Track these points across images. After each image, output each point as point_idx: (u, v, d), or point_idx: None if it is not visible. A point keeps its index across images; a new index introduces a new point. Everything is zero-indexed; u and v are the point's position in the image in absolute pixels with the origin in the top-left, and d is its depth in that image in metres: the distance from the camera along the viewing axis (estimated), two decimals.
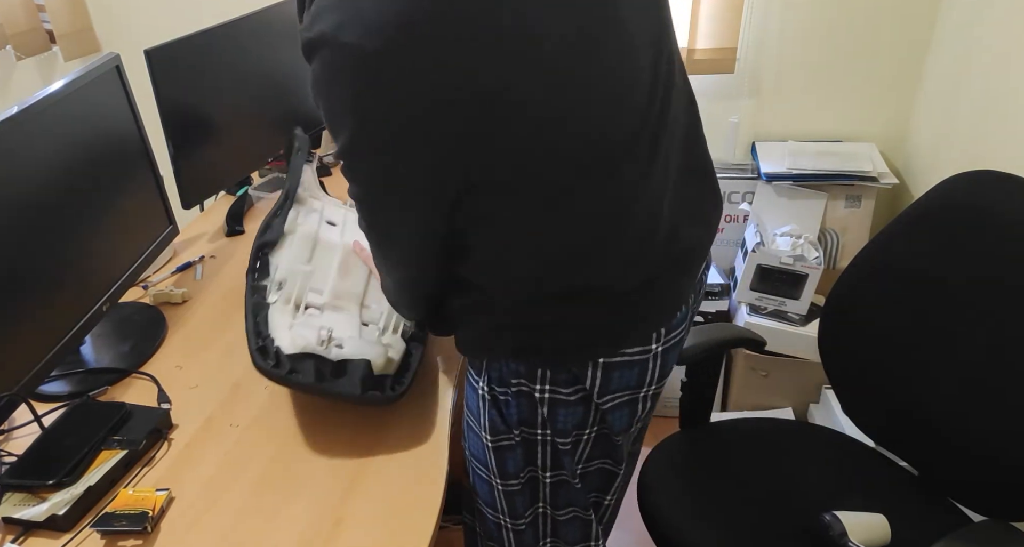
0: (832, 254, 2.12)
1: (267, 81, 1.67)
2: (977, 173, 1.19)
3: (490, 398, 0.99)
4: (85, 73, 1.18)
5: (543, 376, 0.94)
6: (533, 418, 0.97)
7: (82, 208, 1.15)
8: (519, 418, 0.98)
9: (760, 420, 1.44)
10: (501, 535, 1.11)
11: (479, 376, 1.00)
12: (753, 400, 2.07)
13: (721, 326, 1.40)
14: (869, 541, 1.12)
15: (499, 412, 0.99)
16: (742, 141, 2.24)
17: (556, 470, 1.02)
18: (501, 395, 0.98)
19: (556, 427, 0.97)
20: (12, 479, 0.94)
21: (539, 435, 0.99)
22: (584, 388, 0.94)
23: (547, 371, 0.94)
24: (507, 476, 1.04)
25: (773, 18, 2.07)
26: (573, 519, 1.08)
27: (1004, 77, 1.65)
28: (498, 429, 1.00)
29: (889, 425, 1.28)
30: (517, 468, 1.03)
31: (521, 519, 1.08)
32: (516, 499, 1.06)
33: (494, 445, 1.02)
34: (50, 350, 1.07)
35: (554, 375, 0.94)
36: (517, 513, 1.07)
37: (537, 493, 1.06)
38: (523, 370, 0.94)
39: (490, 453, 1.03)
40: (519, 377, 0.95)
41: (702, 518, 1.21)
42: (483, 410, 1.00)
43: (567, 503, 1.06)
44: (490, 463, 1.04)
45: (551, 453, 1.00)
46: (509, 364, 0.95)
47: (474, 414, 1.04)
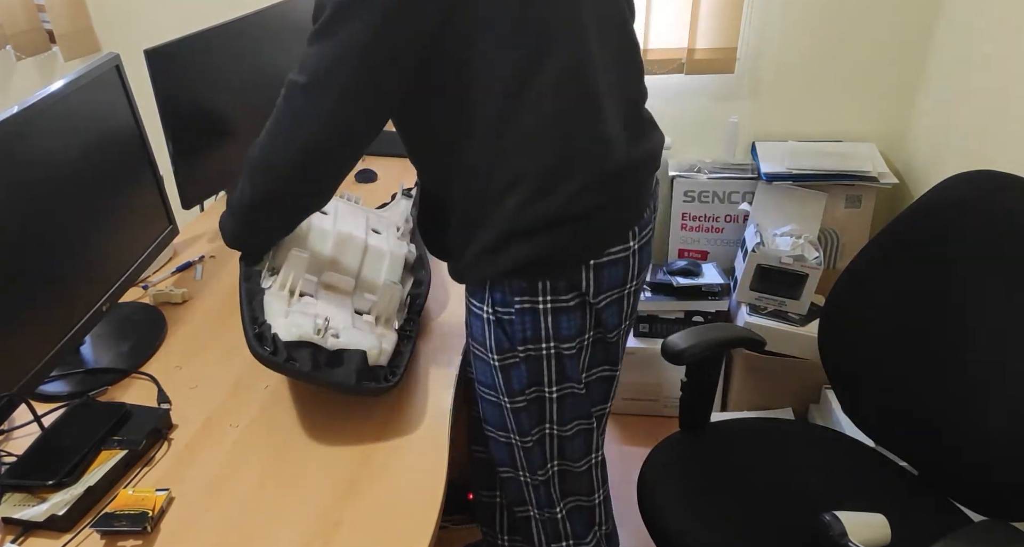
0: (832, 254, 2.12)
1: (267, 81, 1.67)
2: (977, 173, 1.19)
3: (495, 320, 1.07)
4: (85, 73, 1.18)
5: (543, 288, 1.03)
6: (537, 333, 1.07)
7: (82, 208, 1.15)
8: (523, 336, 1.07)
9: (760, 420, 1.44)
10: (513, 454, 1.19)
11: (482, 302, 1.08)
12: (753, 400, 2.07)
13: (721, 326, 1.40)
14: (869, 541, 1.12)
15: (504, 332, 1.07)
16: (742, 141, 2.24)
17: (561, 383, 1.12)
18: (505, 315, 1.06)
19: (561, 334, 1.07)
20: (12, 479, 0.94)
21: (543, 349, 1.08)
22: (581, 292, 1.05)
23: (547, 282, 1.03)
24: (513, 394, 1.12)
25: (773, 18, 2.07)
26: (577, 433, 1.18)
27: (1004, 77, 1.66)
28: (503, 348, 1.09)
29: (889, 425, 1.28)
30: (522, 385, 1.11)
31: (528, 436, 1.16)
32: (522, 416, 1.14)
33: (500, 364, 1.10)
34: (50, 350, 1.07)
35: (554, 285, 1.03)
36: (524, 430, 1.15)
37: (543, 411, 1.14)
38: (525, 286, 1.04)
39: (497, 373, 1.11)
40: (522, 295, 1.04)
41: (702, 518, 1.21)
42: (488, 332, 1.09)
43: (572, 417, 1.16)
44: (498, 383, 1.12)
45: (555, 366, 1.10)
46: (512, 283, 1.04)
47: (479, 339, 1.11)
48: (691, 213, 2.21)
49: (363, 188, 1.81)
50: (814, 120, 2.18)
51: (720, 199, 2.18)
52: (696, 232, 2.24)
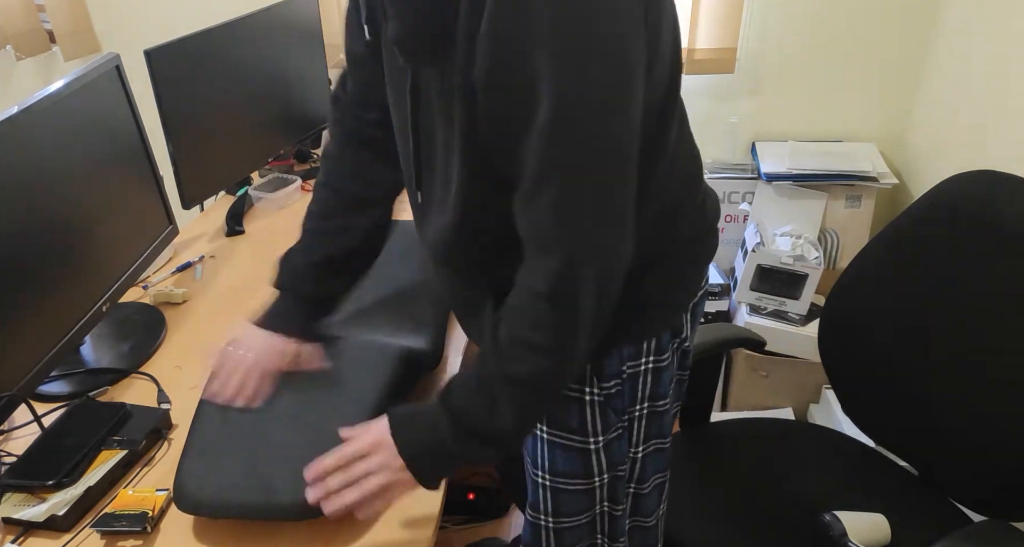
0: (832, 254, 2.12)
1: (267, 81, 1.67)
2: (977, 173, 1.19)
3: (602, 399, 0.95)
4: (85, 73, 1.18)
5: (648, 348, 0.94)
6: (635, 396, 0.97)
7: (82, 208, 1.15)
8: (629, 400, 0.96)
9: (760, 420, 1.44)
10: (596, 524, 1.06)
11: (582, 383, 0.93)
12: (753, 400, 2.07)
13: (721, 326, 1.40)
14: (869, 541, 1.12)
15: (612, 407, 0.96)
16: (742, 141, 2.24)
17: (648, 441, 1.01)
18: (614, 388, 0.95)
19: (658, 391, 0.97)
20: (12, 479, 0.94)
21: (638, 411, 0.98)
22: (681, 338, 0.98)
23: (653, 340, 0.93)
24: (615, 465, 1.00)
25: (773, 18, 2.07)
26: (653, 489, 1.07)
27: (1004, 77, 1.65)
28: (610, 424, 0.97)
29: (889, 425, 1.28)
30: (623, 454, 1.00)
31: (620, 504, 1.04)
32: (619, 485, 1.02)
33: (605, 442, 0.97)
34: (50, 350, 1.07)
35: (659, 341, 0.94)
36: (618, 498, 1.03)
37: (627, 474, 1.04)
38: (632, 352, 0.93)
39: (599, 455, 0.98)
40: (630, 360, 0.93)
41: (702, 518, 1.21)
42: (592, 415, 0.95)
43: (653, 472, 1.06)
44: (597, 465, 0.99)
45: (647, 425, 1.00)
46: (622, 351, 0.92)
47: (573, 427, 0.96)
48: None
49: None
50: (814, 120, 2.18)
51: (720, 199, 2.18)
52: None
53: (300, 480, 0.86)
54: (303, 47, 1.78)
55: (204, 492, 0.88)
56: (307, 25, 1.78)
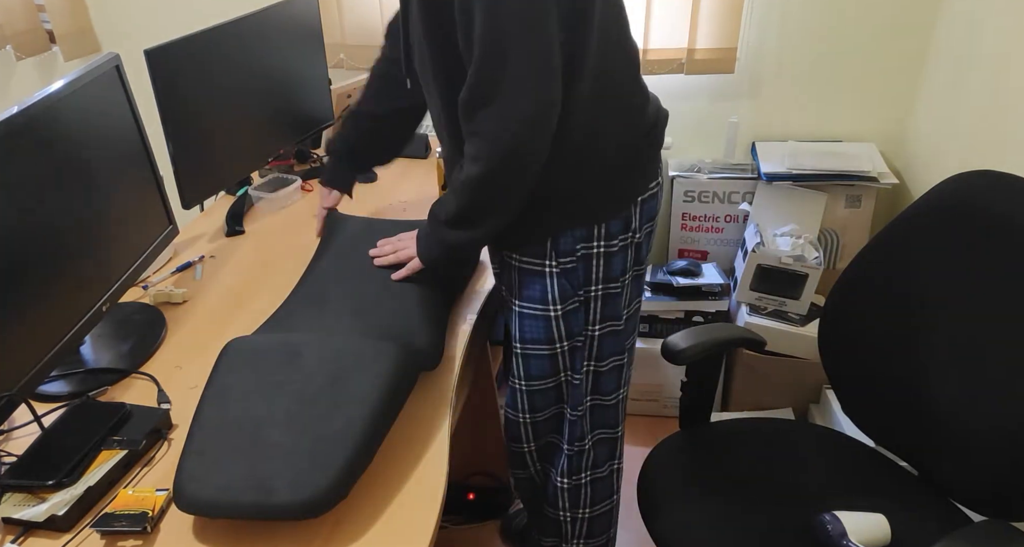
0: (832, 254, 2.12)
1: (267, 81, 1.67)
2: (977, 173, 1.19)
3: (559, 270, 1.20)
4: (85, 73, 1.18)
5: (599, 233, 1.18)
6: (590, 276, 1.21)
7: (82, 208, 1.15)
8: (583, 279, 1.21)
9: (760, 420, 1.44)
10: (561, 391, 1.31)
11: (543, 257, 1.19)
12: (753, 400, 2.07)
13: (721, 326, 1.40)
14: (869, 541, 1.12)
15: (567, 280, 1.20)
16: (742, 141, 2.24)
17: (604, 322, 1.25)
18: (569, 264, 1.19)
19: (611, 274, 1.21)
20: (12, 479, 0.94)
21: (593, 291, 1.22)
22: (631, 230, 1.20)
23: (602, 227, 1.18)
24: (572, 335, 1.25)
25: (773, 18, 2.07)
26: (611, 369, 1.31)
27: (1004, 77, 1.66)
28: (567, 295, 1.21)
29: (889, 425, 1.28)
30: (580, 326, 1.24)
31: (578, 373, 1.28)
32: (576, 355, 1.27)
33: (563, 311, 1.22)
34: (50, 350, 1.07)
35: (608, 228, 1.18)
36: (577, 367, 1.27)
37: (586, 350, 1.27)
38: (585, 233, 1.17)
39: (558, 322, 1.23)
40: (583, 242, 1.18)
41: (702, 518, 1.21)
42: (551, 285, 1.20)
43: (610, 353, 1.29)
44: (556, 332, 1.24)
45: (602, 306, 1.23)
46: (575, 232, 1.17)
47: (537, 297, 1.22)
48: (691, 213, 2.22)
49: (363, 188, 1.81)
50: (814, 120, 2.18)
51: (720, 199, 2.18)
52: (696, 232, 2.24)
53: (299, 480, 0.87)
54: (303, 47, 1.78)
55: (204, 492, 0.88)
56: (307, 25, 1.78)
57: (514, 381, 1.33)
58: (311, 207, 1.74)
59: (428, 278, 1.25)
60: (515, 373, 1.32)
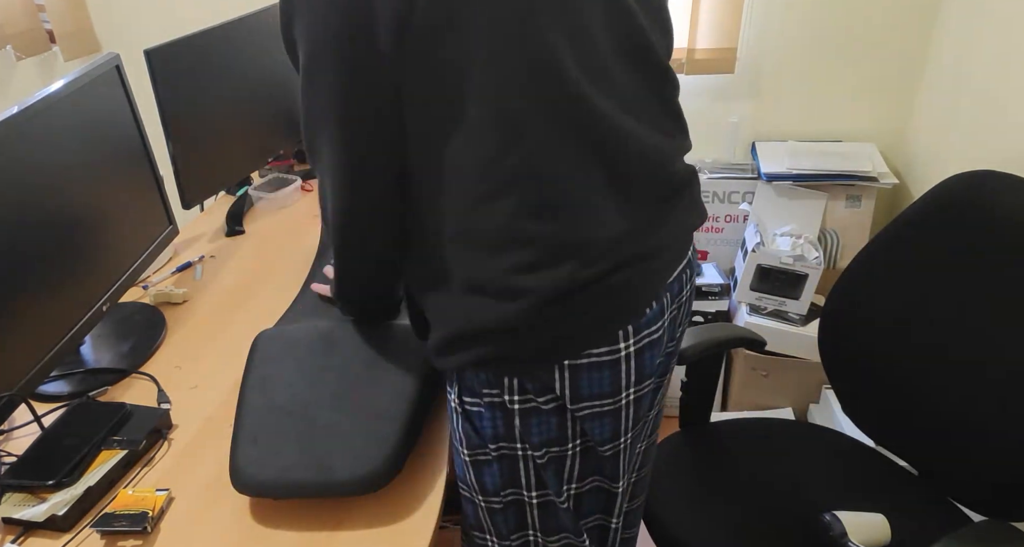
0: (832, 254, 2.12)
1: (267, 81, 1.67)
2: (977, 173, 1.19)
3: (461, 411, 0.93)
4: (85, 73, 1.18)
5: (510, 386, 0.87)
6: (509, 432, 0.91)
7: (82, 208, 1.15)
8: (494, 432, 0.91)
9: (760, 420, 1.44)
10: None
11: (450, 387, 0.94)
12: (753, 400, 2.07)
13: (721, 326, 1.40)
14: (869, 541, 1.12)
15: (472, 425, 0.93)
16: (742, 141, 2.24)
17: (541, 489, 0.95)
18: (472, 407, 0.91)
19: (531, 440, 0.90)
20: (12, 479, 0.93)
21: (519, 450, 0.92)
22: (556, 395, 0.87)
23: (514, 380, 0.87)
24: (487, 493, 0.97)
25: (773, 18, 2.07)
26: (567, 546, 1.00)
27: (1004, 77, 1.65)
28: (473, 444, 0.94)
29: (889, 425, 1.28)
30: (496, 486, 0.96)
31: (507, 540, 1.01)
32: (498, 518, 0.99)
33: (471, 459, 0.95)
34: (50, 350, 1.07)
35: (522, 384, 0.87)
36: (502, 534, 1.00)
37: (524, 516, 0.99)
38: (492, 380, 0.88)
39: (468, 468, 0.97)
40: (490, 387, 0.88)
41: (702, 518, 1.21)
42: (457, 423, 0.95)
43: (556, 528, 0.99)
44: (469, 479, 0.98)
45: (533, 470, 0.94)
46: (479, 374, 0.89)
47: (452, 429, 0.97)
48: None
49: None
50: (814, 120, 2.18)
51: (720, 199, 2.18)
52: (696, 232, 2.24)
53: (356, 457, 0.91)
54: None
55: (264, 474, 0.90)
56: None
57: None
58: (311, 207, 1.74)
59: None
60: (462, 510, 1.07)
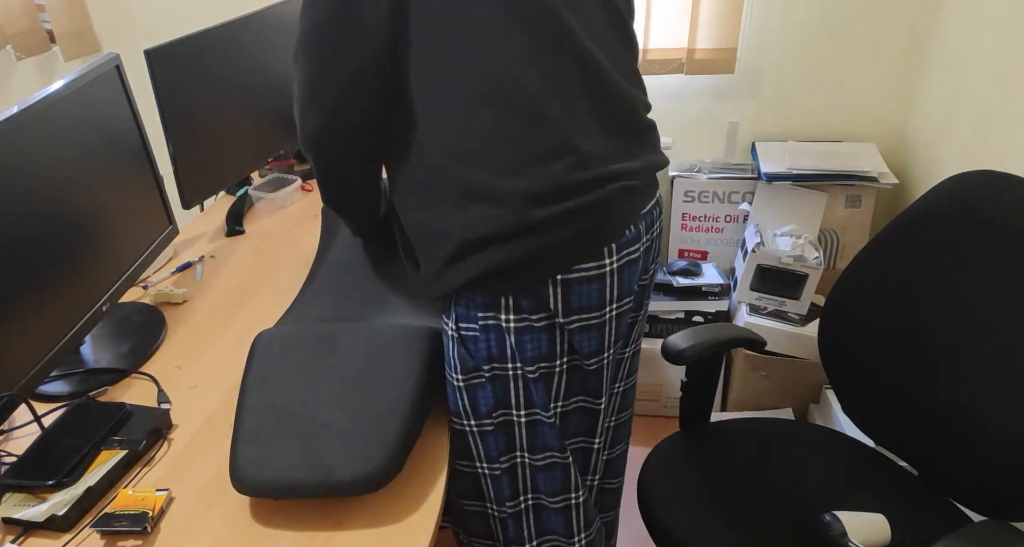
0: (832, 254, 2.12)
1: (267, 81, 1.67)
2: (977, 173, 1.19)
3: (457, 337, 1.02)
4: (85, 73, 1.18)
5: (507, 305, 0.97)
6: (502, 352, 1.00)
7: (82, 208, 1.15)
8: (488, 354, 1.00)
9: (760, 420, 1.44)
10: (479, 484, 1.12)
11: (448, 317, 1.03)
12: (753, 400, 2.07)
13: (721, 326, 1.40)
14: (869, 541, 1.12)
15: (467, 350, 1.01)
16: (742, 141, 2.24)
17: (529, 408, 1.04)
18: (468, 332, 1.00)
19: (525, 357, 1.00)
20: (12, 479, 0.94)
21: (510, 369, 1.01)
22: (549, 310, 0.97)
23: (510, 298, 0.96)
24: (479, 416, 1.05)
25: (773, 18, 2.07)
26: (551, 465, 1.08)
27: (1004, 77, 1.66)
28: (467, 367, 1.02)
29: (889, 425, 1.28)
30: (489, 408, 1.04)
31: (496, 463, 1.08)
32: (489, 440, 1.06)
33: (465, 384, 1.03)
34: (50, 350, 1.07)
35: (517, 301, 0.96)
36: (491, 456, 1.07)
37: (512, 437, 1.07)
38: (489, 301, 0.97)
39: (461, 394, 1.04)
40: (486, 310, 0.98)
41: (702, 518, 1.21)
42: (452, 350, 1.03)
43: (543, 446, 1.07)
44: (462, 405, 1.05)
45: (523, 388, 1.02)
46: (475, 298, 0.98)
47: (446, 358, 1.06)
48: (691, 213, 2.22)
49: None
50: (814, 120, 2.18)
51: (720, 199, 2.18)
52: (696, 232, 2.24)
53: (357, 457, 0.91)
54: None
55: (264, 474, 0.90)
56: None
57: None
58: (311, 207, 1.74)
59: None
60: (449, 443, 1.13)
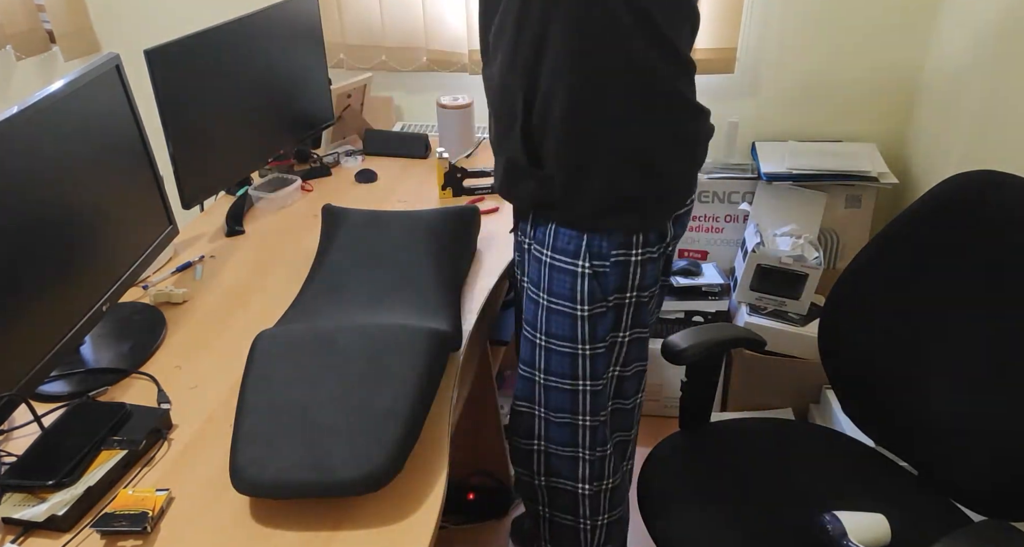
0: (832, 254, 2.12)
1: (267, 81, 1.67)
2: (977, 173, 1.19)
3: (591, 273, 1.17)
4: (85, 73, 1.18)
5: (638, 241, 1.16)
6: (624, 283, 1.18)
7: (82, 208, 1.15)
8: (616, 285, 1.18)
9: (760, 420, 1.44)
10: (577, 399, 1.27)
11: (576, 257, 1.17)
12: (753, 400, 2.07)
13: (721, 326, 1.40)
14: (869, 541, 1.12)
15: (599, 283, 1.18)
16: (742, 141, 2.24)
17: (633, 328, 1.24)
18: (601, 268, 1.17)
19: (644, 283, 1.20)
20: (12, 479, 0.94)
21: (627, 298, 1.20)
22: (665, 242, 1.19)
23: (640, 236, 1.15)
24: (596, 340, 1.22)
25: (773, 18, 2.07)
26: (635, 375, 1.31)
27: (1004, 77, 1.66)
28: (596, 298, 1.19)
29: (889, 425, 1.28)
30: (605, 331, 1.22)
31: (600, 380, 1.25)
32: (599, 361, 1.24)
33: (590, 314, 1.20)
34: (50, 350, 1.07)
35: (646, 238, 1.16)
36: (599, 374, 1.25)
37: (612, 355, 1.25)
38: (623, 240, 1.15)
39: (583, 323, 1.21)
40: (619, 248, 1.15)
41: (702, 518, 1.21)
42: (581, 285, 1.18)
43: (635, 358, 1.29)
44: (580, 333, 1.21)
45: (633, 312, 1.22)
46: (612, 237, 1.15)
47: (566, 294, 1.20)
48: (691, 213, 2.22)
49: (363, 188, 1.81)
50: (814, 120, 2.18)
51: (720, 199, 2.18)
52: (696, 232, 2.24)
53: (357, 457, 0.91)
54: (303, 47, 1.78)
55: (264, 475, 0.90)
56: (307, 25, 1.78)
57: (533, 373, 1.30)
58: (311, 207, 1.74)
59: (436, 267, 1.27)
60: (536, 365, 1.29)
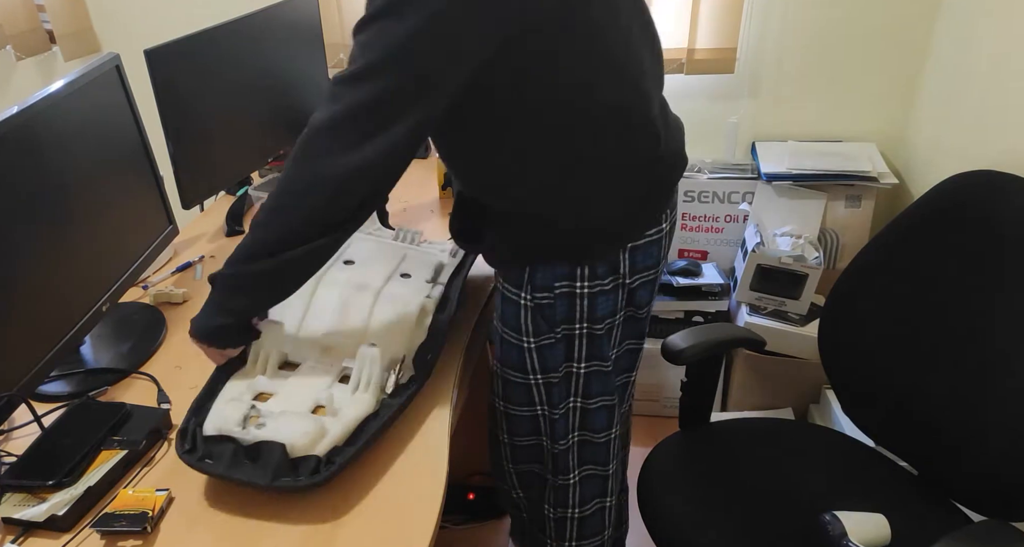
0: (832, 254, 2.12)
1: (267, 81, 1.67)
2: (977, 173, 1.19)
3: (533, 306, 1.14)
4: (85, 73, 1.18)
5: (582, 273, 1.11)
6: (572, 315, 1.14)
7: (82, 208, 1.15)
8: (563, 317, 1.14)
9: (760, 420, 1.44)
10: (538, 424, 1.27)
11: (519, 288, 1.14)
12: (753, 400, 2.07)
13: (721, 326, 1.40)
14: (869, 541, 1.12)
15: (542, 316, 1.15)
16: (742, 141, 2.24)
17: (590, 360, 1.19)
18: (544, 300, 1.13)
19: (595, 315, 1.14)
20: (12, 479, 0.94)
21: (577, 329, 1.16)
22: (618, 274, 1.12)
23: (586, 268, 1.10)
24: (548, 370, 1.19)
25: (773, 18, 2.07)
26: (600, 408, 1.25)
27: (1004, 77, 1.65)
28: (541, 331, 1.16)
29: (889, 425, 1.28)
30: (556, 362, 1.18)
31: (556, 409, 1.22)
32: (554, 390, 1.21)
33: (536, 345, 1.18)
34: (50, 350, 1.07)
35: (592, 270, 1.10)
36: (554, 402, 1.22)
37: (571, 386, 1.21)
38: (566, 271, 1.10)
39: (531, 355, 1.19)
40: (562, 280, 1.11)
41: (702, 518, 1.21)
42: (525, 318, 1.16)
43: (598, 392, 1.23)
44: (530, 364, 1.19)
45: (587, 344, 1.17)
46: (555, 269, 1.10)
47: (512, 325, 1.18)
48: (691, 213, 2.22)
49: None
50: (814, 120, 2.18)
51: (720, 199, 2.18)
52: (696, 232, 2.24)
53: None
54: (303, 47, 1.78)
55: None
56: (307, 25, 1.78)
57: (494, 399, 1.31)
58: None
59: None
60: (495, 392, 1.30)
